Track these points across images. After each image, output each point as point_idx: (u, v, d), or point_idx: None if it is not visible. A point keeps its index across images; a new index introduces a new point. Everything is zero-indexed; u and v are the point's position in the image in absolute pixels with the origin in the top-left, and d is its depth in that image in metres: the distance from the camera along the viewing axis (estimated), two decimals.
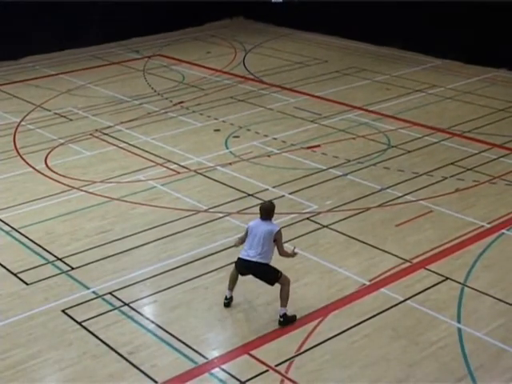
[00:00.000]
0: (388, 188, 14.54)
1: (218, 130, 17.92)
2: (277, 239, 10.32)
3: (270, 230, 10.27)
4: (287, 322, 10.30)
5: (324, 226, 13.10)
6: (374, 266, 11.81)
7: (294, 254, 10.64)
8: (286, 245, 10.82)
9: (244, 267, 10.42)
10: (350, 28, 26.18)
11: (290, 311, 10.55)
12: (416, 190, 14.41)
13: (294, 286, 11.22)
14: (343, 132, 17.61)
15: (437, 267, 11.75)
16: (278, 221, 13.09)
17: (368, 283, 11.36)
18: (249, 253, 10.29)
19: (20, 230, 13.09)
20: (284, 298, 10.30)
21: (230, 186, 14.71)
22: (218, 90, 21.14)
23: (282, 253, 10.50)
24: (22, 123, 18.70)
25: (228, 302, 10.77)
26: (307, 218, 13.37)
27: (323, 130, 17.77)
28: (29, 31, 24.25)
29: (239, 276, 10.69)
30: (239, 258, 10.47)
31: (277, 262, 10.52)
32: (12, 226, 13.27)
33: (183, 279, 11.53)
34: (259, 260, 10.21)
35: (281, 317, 10.29)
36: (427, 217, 13.41)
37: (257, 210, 13.44)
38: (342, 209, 13.71)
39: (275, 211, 10.60)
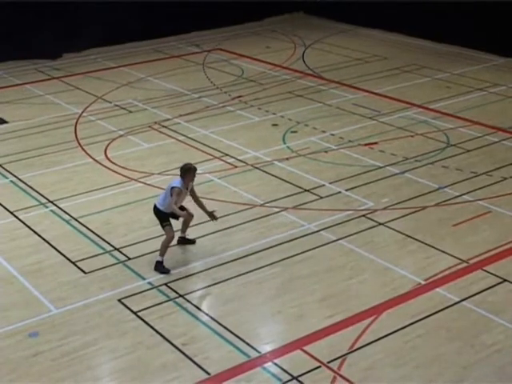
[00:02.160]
0: (446, 187, 14.38)
1: (275, 125, 17.94)
2: (171, 194, 11.52)
3: (169, 184, 11.70)
4: (158, 269, 11.57)
5: (380, 224, 13.03)
6: (430, 266, 11.71)
7: (184, 215, 11.83)
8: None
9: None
10: (411, 25, 25.89)
11: (343, 308, 10.55)
12: (474, 190, 14.23)
13: (348, 283, 11.26)
14: (401, 130, 17.47)
15: (494, 269, 11.59)
16: (333, 217, 13.15)
17: (423, 283, 11.27)
18: (157, 198, 11.94)
19: (79, 220, 13.32)
20: (163, 249, 11.66)
21: (287, 181, 14.73)
22: (276, 84, 21.16)
23: (169, 205, 11.58)
24: (84, 114, 19.00)
25: (181, 240, 12.41)
26: (363, 216, 13.31)
27: (381, 127, 17.65)
28: (91, 24, 24.57)
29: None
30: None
31: (331, 259, 10.47)
32: (71, 215, 13.51)
33: (237, 273, 11.59)
34: (157, 205, 11.75)
35: (159, 262, 11.62)
36: (485, 217, 13.23)
37: (313, 205, 13.61)
38: (398, 207, 13.62)
39: (185, 174, 11.62)
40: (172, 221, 11.82)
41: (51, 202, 14.06)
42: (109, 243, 12.52)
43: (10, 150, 16.72)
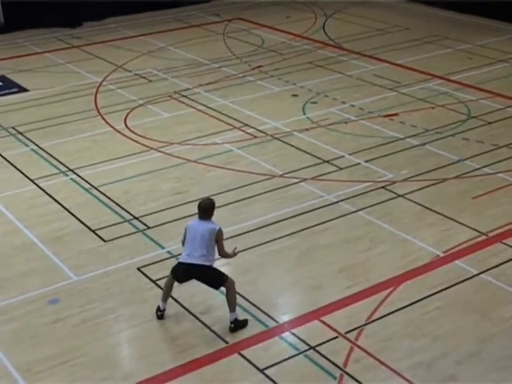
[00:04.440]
0: (466, 159, 14.30)
1: (295, 96, 17.87)
2: (218, 239, 9.50)
3: (209, 229, 9.42)
4: (238, 327, 9.59)
5: (399, 196, 13.00)
6: (449, 238, 11.68)
7: (234, 254, 9.80)
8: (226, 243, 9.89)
9: (186, 272, 9.53)
10: None
11: (361, 279, 10.57)
12: (495, 163, 14.13)
13: (367, 254, 11.28)
14: (422, 101, 17.35)
15: None
16: (353, 188, 13.12)
17: (442, 255, 11.25)
18: (190, 256, 9.43)
19: (99, 188, 13.38)
20: (232, 302, 9.56)
21: (306, 152, 14.70)
22: (296, 55, 21.04)
23: (222, 254, 9.66)
24: (104, 83, 19.01)
25: (161, 315, 9.84)
26: (382, 187, 13.27)
27: (402, 99, 17.54)
28: None
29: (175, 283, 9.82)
30: (180, 263, 9.58)
31: (349, 231, 10.47)
32: (91, 183, 13.57)
33: (256, 243, 11.62)
34: (202, 263, 9.37)
35: (231, 323, 9.56)
36: (506, 190, 13.16)
37: (332, 176, 13.57)
38: (418, 179, 13.56)
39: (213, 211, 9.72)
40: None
41: (71, 170, 14.13)
42: (128, 212, 12.58)
43: (31, 118, 16.77)
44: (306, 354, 9.14)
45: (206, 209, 9.57)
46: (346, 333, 9.49)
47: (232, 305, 9.58)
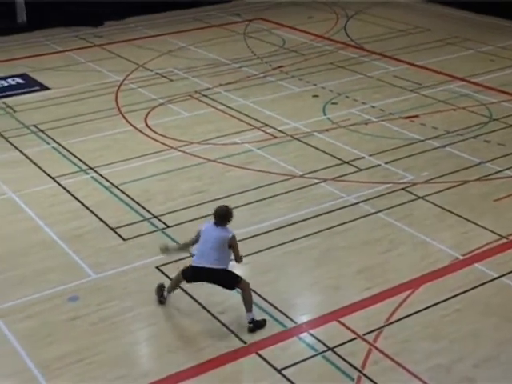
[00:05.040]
0: (488, 162, 14.21)
1: (316, 96, 17.84)
2: (232, 246, 9.56)
3: (222, 237, 9.45)
4: (257, 327, 9.58)
5: (419, 198, 12.93)
6: (469, 241, 11.61)
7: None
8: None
9: (197, 274, 9.61)
10: None
11: (380, 280, 10.53)
12: None
13: (386, 255, 11.23)
14: (443, 103, 17.26)
15: None
16: (372, 190, 13.08)
17: (461, 257, 11.18)
18: (202, 260, 9.49)
19: (119, 187, 13.42)
20: (248, 302, 9.58)
21: (326, 153, 14.66)
22: (318, 55, 21.00)
23: (238, 260, 9.80)
24: (125, 82, 19.07)
25: (163, 301, 10.14)
26: (402, 189, 13.21)
27: (423, 100, 17.46)
28: None
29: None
30: (191, 266, 9.63)
31: (371, 227, 10.41)
32: (112, 182, 13.62)
33: (275, 243, 11.61)
34: (215, 266, 9.44)
35: (249, 323, 9.56)
36: None
37: (352, 177, 13.54)
38: (438, 181, 13.49)
39: (230, 219, 9.66)
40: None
41: (92, 168, 14.18)
42: (148, 211, 12.61)
43: (53, 116, 16.86)
44: (323, 355, 9.12)
45: (222, 215, 9.57)
46: (365, 334, 9.46)
47: (248, 305, 9.59)
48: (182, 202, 12.88)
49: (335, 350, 9.20)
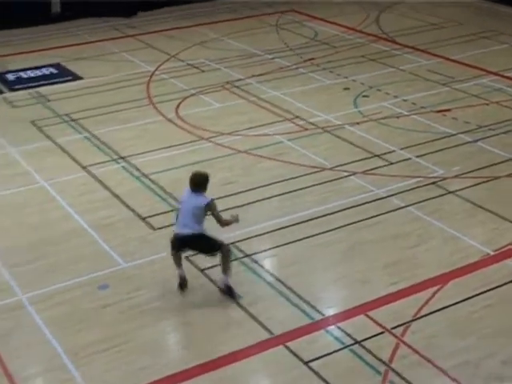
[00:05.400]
0: None
1: (347, 89, 17.79)
2: (211, 212, 9.84)
3: (199, 203, 9.77)
4: (229, 293, 9.98)
5: (449, 192, 12.85)
6: (500, 237, 11.52)
7: (236, 220, 10.06)
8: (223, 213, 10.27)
9: (181, 242, 9.93)
10: None
11: (408, 275, 10.50)
12: None
13: (415, 250, 11.18)
14: (476, 97, 17.11)
15: None
16: (403, 184, 13.02)
17: (492, 253, 11.10)
18: (182, 227, 9.82)
19: (150, 177, 13.50)
20: (226, 265, 9.91)
21: (357, 146, 14.62)
22: (349, 48, 20.92)
23: (222, 223, 9.94)
24: (156, 72, 19.16)
25: (182, 283, 10.17)
26: (433, 183, 13.14)
27: (455, 94, 17.32)
28: None
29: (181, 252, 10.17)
30: (174, 235, 9.97)
31: (397, 224, 10.39)
32: (142, 171, 13.71)
33: (304, 235, 11.61)
34: (195, 232, 9.75)
35: (224, 285, 9.99)
36: None
37: (382, 171, 13.50)
38: (469, 176, 13.40)
39: (207, 185, 10.05)
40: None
41: (122, 158, 14.28)
42: (178, 201, 12.64)
43: (85, 105, 16.98)
44: (351, 349, 9.12)
45: (198, 183, 9.98)
46: (392, 328, 9.44)
47: (227, 268, 9.94)
48: (211, 193, 12.69)
49: (362, 343, 9.19)
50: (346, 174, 13.53)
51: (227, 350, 9.17)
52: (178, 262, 10.22)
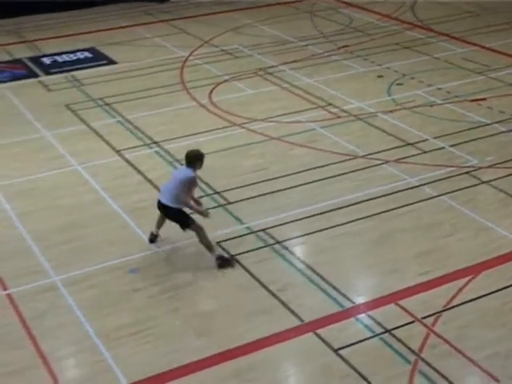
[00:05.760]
0: None
1: (381, 77, 17.68)
2: (189, 187, 10.28)
3: (182, 176, 10.27)
4: (225, 262, 10.42)
5: (483, 182, 12.75)
6: None
7: (203, 213, 10.49)
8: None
9: (159, 208, 10.52)
10: None
11: (440, 265, 10.45)
12: None
13: (447, 240, 11.13)
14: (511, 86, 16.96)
15: None
16: (436, 173, 12.94)
17: None
18: (162, 195, 10.42)
19: (182, 162, 13.52)
20: (206, 244, 10.39)
21: (390, 134, 14.55)
22: (384, 35, 20.78)
23: (183, 200, 10.24)
24: (190, 58, 19.19)
25: (152, 238, 10.97)
26: (466, 173, 13.04)
27: (490, 83, 17.14)
28: None
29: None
30: (158, 200, 10.54)
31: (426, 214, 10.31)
32: (175, 156, 13.76)
33: (335, 223, 11.60)
34: (170, 204, 10.26)
35: (217, 259, 10.40)
36: None
37: (415, 159, 13.43)
38: (503, 166, 13.27)
39: (197, 162, 10.42)
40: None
41: (155, 142, 14.35)
42: (210, 186, 12.72)
43: (118, 90, 17.09)
44: (381, 337, 9.11)
45: (189, 158, 10.41)
46: (423, 318, 9.41)
47: (207, 247, 10.39)
48: (243, 179, 12.95)
49: (393, 332, 9.17)
50: (378, 162, 13.47)
51: (257, 336, 9.21)
52: (158, 223, 10.83)
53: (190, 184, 10.29)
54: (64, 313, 9.69)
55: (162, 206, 10.44)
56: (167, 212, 10.44)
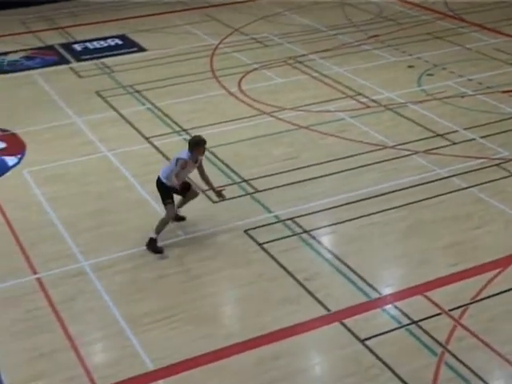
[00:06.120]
0: None
1: (411, 67, 17.58)
2: (178, 167, 10.56)
3: (176, 156, 10.71)
4: (151, 247, 10.67)
5: None
6: None
7: (186, 189, 10.93)
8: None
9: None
10: None
11: (468, 257, 10.40)
12: None
13: (476, 232, 11.06)
14: None
15: None
16: (465, 164, 12.87)
17: None
18: (161, 171, 10.84)
19: (210, 149, 13.57)
20: (159, 225, 10.69)
21: (420, 125, 14.47)
22: (415, 25, 20.63)
23: (170, 178, 10.60)
24: (220, 46, 19.20)
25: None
26: (497, 165, 12.93)
27: None
28: None
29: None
30: None
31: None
32: None
33: (363, 213, 11.58)
34: (162, 179, 10.69)
35: (151, 240, 10.68)
36: None
37: (445, 151, 13.36)
38: None
39: (195, 147, 10.68)
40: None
41: (185, 130, 14.40)
42: (238, 174, 12.75)
43: (148, 77, 17.15)
44: (407, 328, 9.10)
45: (188, 143, 10.78)
46: (450, 310, 9.38)
47: (157, 227, 10.67)
48: (272, 168, 12.96)
49: (419, 323, 9.15)
50: (407, 152, 13.41)
51: (282, 325, 9.23)
52: (179, 204, 11.24)
53: (179, 166, 10.53)
54: (92, 298, 9.79)
55: (157, 180, 10.83)
56: (157, 182, 10.83)
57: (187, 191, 11.11)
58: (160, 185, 10.77)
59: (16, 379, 8.48)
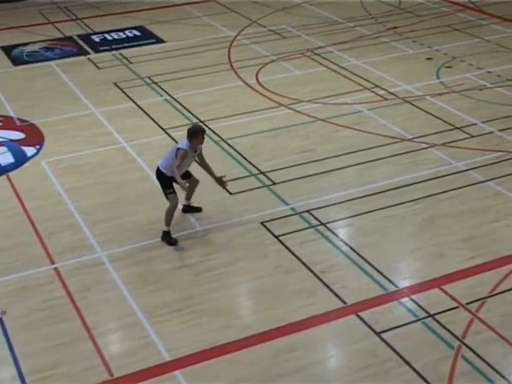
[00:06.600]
0: None
1: (430, 59, 17.48)
2: (176, 156, 10.48)
3: (174, 146, 10.79)
4: (165, 239, 10.71)
5: None
6: None
7: (182, 185, 10.49)
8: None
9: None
10: None
11: (485, 250, 10.35)
12: None
13: (493, 225, 11.00)
14: None
15: None
16: (483, 157, 12.79)
17: None
18: (161, 159, 10.85)
19: (228, 141, 13.59)
20: (166, 216, 10.68)
21: (438, 117, 14.40)
22: (434, 17, 20.51)
23: (170, 168, 10.53)
24: (238, 37, 19.18)
25: (184, 208, 11.40)
26: None
27: None
28: None
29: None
30: None
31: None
32: (221, 136, 13.80)
33: (380, 206, 11.54)
34: (161, 168, 10.66)
35: (165, 232, 10.72)
36: None
37: (463, 144, 13.29)
38: None
39: (192, 136, 10.58)
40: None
41: (202, 122, 14.38)
42: (255, 166, 12.74)
43: (166, 68, 17.17)
44: (424, 322, 9.07)
45: (188, 132, 10.66)
46: (467, 304, 9.34)
47: (166, 219, 10.66)
48: (289, 160, 12.94)
49: (436, 317, 9.12)
50: (425, 145, 13.35)
51: (299, 317, 9.23)
52: (187, 194, 11.31)
53: (179, 157, 10.43)
54: (109, 288, 9.83)
55: (157, 170, 10.82)
56: (156, 173, 10.82)
57: (188, 179, 11.06)
58: (160, 175, 10.75)
59: (33, 368, 8.54)
